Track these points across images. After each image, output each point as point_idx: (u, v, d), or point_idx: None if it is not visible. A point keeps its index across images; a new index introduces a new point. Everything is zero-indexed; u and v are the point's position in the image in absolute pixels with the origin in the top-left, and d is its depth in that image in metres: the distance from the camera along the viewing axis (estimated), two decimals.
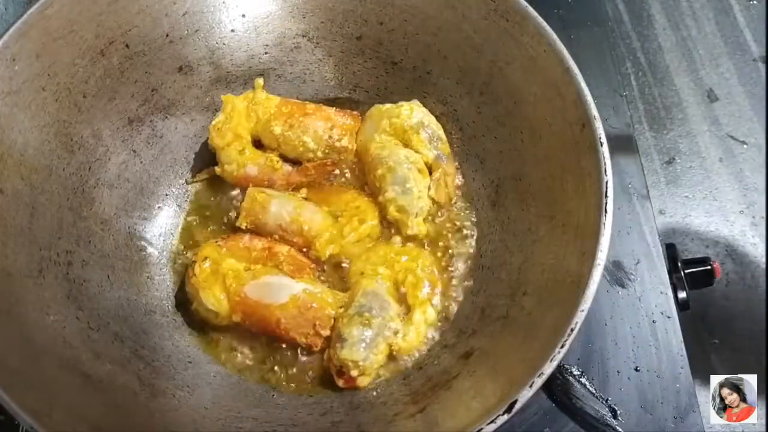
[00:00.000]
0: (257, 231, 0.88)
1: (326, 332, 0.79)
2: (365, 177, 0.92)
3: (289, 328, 0.79)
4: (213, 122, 0.91)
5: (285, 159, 0.93)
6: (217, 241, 0.86)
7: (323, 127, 0.91)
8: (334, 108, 0.93)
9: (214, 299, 0.81)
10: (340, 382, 0.79)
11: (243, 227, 0.88)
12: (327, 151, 0.91)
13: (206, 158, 0.94)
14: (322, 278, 0.87)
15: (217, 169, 0.92)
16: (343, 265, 0.87)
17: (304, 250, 0.87)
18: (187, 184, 0.95)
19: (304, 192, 0.91)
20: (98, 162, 0.86)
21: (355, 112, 0.94)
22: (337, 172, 0.93)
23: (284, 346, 0.83)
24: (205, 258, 0.83)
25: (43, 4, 0.77)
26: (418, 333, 0.81)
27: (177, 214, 0.93)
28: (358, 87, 0.98)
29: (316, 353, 0.83)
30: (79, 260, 0.81)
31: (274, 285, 0.81)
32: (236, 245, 0.85)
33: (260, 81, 0.92)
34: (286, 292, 0.80)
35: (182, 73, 0.92)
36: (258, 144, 0.93)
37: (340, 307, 0.81)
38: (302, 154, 0.92)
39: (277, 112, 0.91)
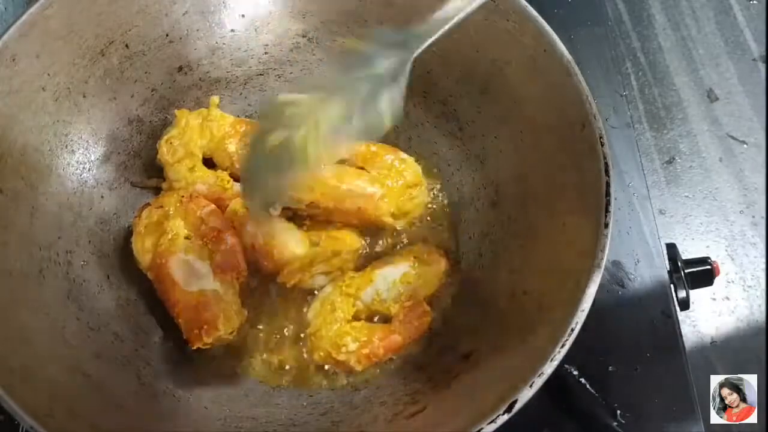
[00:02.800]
0: None
1: (209, 339, 0.77)
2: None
3: (180, 315, 0.79)
4: (164, 136, 0.88)
5: (236, 179, 0.90)
6: (183, 195, 0.85)
7: None
8: None
9: (141, 248, 0.83)
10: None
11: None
12: None
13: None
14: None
15: (165, 185, 0.89)
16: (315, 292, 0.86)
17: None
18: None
19: (289, 212, 0.88)
20: (98, 162, 0.86)
21: None
22: None
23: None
24: (161, 206, 0.83)
25: (42, 4, 0.77)
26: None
27: None
28: None
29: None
30: (79, 260, 0.81)
31: (194, 269, 0.80)
32: (194, 211, 0.84)
33: (216, 99, 0.90)
34: (198, 282, 0.80)
35: (182, 73, 0.92)
36: (207, 163, 0.91)
37: (231, 332, 0.80)
38: None
39: (231, 130, 0.89)
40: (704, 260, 0.95)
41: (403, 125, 0.97)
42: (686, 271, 0.93)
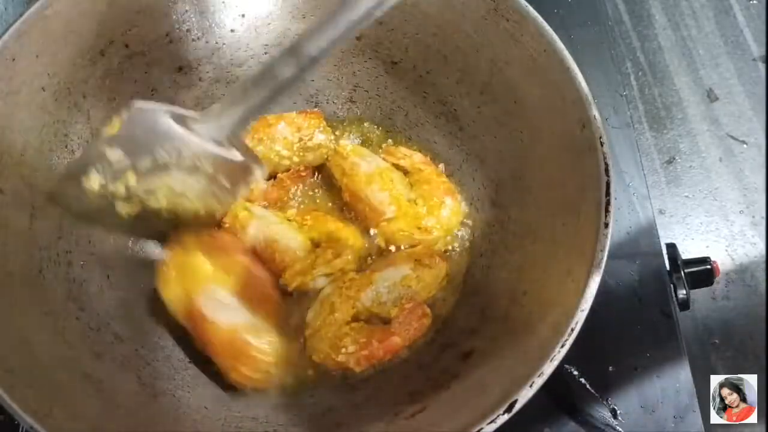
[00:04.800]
0: None
1: (252, 374, 0.75)
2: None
3: (217, 353, 0.76)
4: None
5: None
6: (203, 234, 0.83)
7: (290, 132, 0.91)
8: (295, 112, 0.93)
9: (170, 295, 0.79)
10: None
11: None
12: (301, 153, 0.91)
13: None
14: None
15: None
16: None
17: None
18: None
19: (292, 213, 0.90)
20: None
21: (316, 110, 0.95)
22: (313, 181, 0.94)
23: None
24: (179, 242, 0.81)
25: (42, 4, 0.77)
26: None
27: None
28: (358, 87, 0.98)
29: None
30: (79, 260, 0.81)
31: (224, 305, 0.77)
32: (215, 243, 0.82)
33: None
34: (234, 318, 0.76)
35: (182, 73, 0.92)
36: None
37: (269, 367, 0.77)
38: (278, 165, 0.92)
39: None
40: (704, 260, 0.95)
41: (403, 125, 0.97)
42: (686, 271, 0.93)
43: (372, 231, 0.89)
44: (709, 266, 0.94)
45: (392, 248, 0.89)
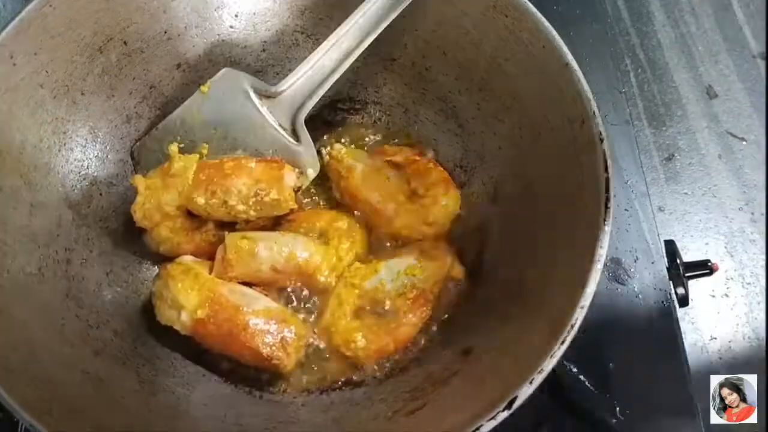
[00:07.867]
0: (249, 280, 0.82)
1: (292, 352, 0.75)
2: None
3: (256, 334, 0.75)
4: (132, 206, 0.82)
5: (221, 225, 0.85)
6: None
7: (247, 185, 0.81)
8: (255, 160, 0.83)
9: (183, 291, 0.77)
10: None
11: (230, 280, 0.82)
12: (259, 208, 0.82)
13: None
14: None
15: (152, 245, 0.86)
16: None
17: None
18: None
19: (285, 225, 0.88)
20: (97, 160, 0.86)
21: (278, 159, 0.83)
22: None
23: None
24: (180, 263, 0.81)
25: (41, 1, 0.77)
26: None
27: None
28: (357, 84, 0.98)
29: None
30: (78, 258, 0.81)
31: (251, 296, 0.79)
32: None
33: (174, 148, 0.84)
34: (262, 303, 0.78)
35: (180, 70, 0.92)
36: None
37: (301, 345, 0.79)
38: (235, 218, 0.83)
39: (195, 181, 0.81)
40: (704, 263, 0.95)
41: (402, 122, 0.97)
42: (686, 275, 0.93)
43: (374, 230, 0.89)
44: (708, 269, 0.95)
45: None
